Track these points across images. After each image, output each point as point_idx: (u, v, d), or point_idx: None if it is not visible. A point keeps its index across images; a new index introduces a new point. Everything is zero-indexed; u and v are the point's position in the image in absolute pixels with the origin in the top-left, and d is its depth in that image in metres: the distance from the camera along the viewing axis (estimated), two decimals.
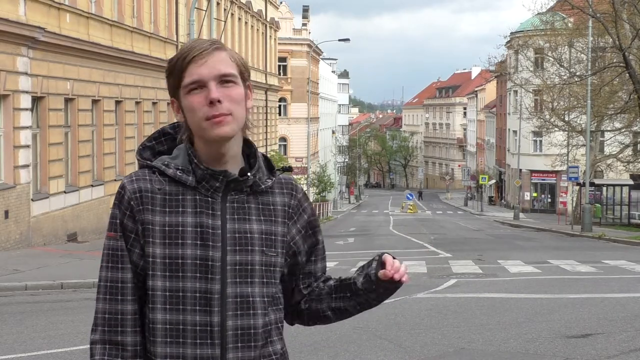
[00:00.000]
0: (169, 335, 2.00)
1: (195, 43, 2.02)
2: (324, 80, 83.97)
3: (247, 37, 45.98)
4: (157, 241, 2.01)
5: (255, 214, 2.06)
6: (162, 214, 2.02)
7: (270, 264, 2.05)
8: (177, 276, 1.99)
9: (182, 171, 2.04)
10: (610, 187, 42.41)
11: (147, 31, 27.15)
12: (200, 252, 1.99)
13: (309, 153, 55.44)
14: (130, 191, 2.04)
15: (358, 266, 2.24)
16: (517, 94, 57.77)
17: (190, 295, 1.98)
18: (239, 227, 2.03)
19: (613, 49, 32.58)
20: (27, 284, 13.14)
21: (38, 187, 19.55)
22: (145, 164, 2.08)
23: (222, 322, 1.99)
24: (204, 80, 1.98)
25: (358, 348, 8.07)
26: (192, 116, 2.01)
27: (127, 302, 2.04)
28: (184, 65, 2.00)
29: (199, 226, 2.01)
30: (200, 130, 2.01)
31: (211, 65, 1.99)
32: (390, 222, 46.71)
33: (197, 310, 1.98)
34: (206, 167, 2.02)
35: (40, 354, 7.79)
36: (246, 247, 2.02)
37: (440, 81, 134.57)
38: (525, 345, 8.15)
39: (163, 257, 2.00)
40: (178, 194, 2.03)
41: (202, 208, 2.02)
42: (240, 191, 2.05)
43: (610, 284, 13.82)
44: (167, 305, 1.99)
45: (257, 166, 2.08)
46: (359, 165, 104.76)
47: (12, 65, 17.64)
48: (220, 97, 1.97)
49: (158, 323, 2.01)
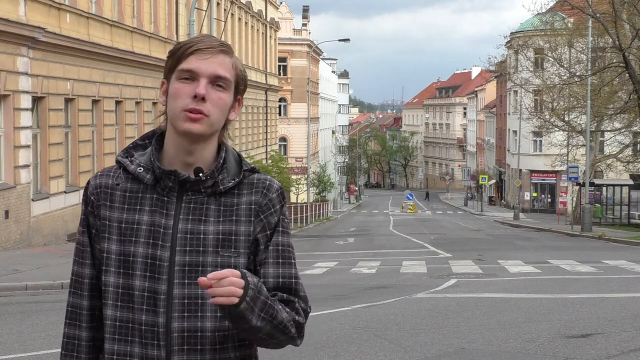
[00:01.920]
0: (117, 332, 1.99)
1: (207, 38, 2.01)
2: (324, 80, 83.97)
3: (247, 37, 45.98)
4: (113, 237, 2.01)
5: (214, 215, 2.00)
6: (120, 211, 2.01)
7: (227, 265, 1.96)
8: (127, 274, 1.98)
9: (143, 169, 2.02)
10: (610, 187, 42.40)
11: (147, 31, 27.15)
12: (150, 251, 1.98)
13: (309, 153, 55.44)
14: (92, 186, 2.06)
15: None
16: (517, 94, 57.76)
17: (139, 294, 1.97)
18: (191, 228, 1.98)
19: (613, 49, 32.57)
20: (27, 284, 13.14)
21: (38, 187, 19.56)
22: (117, 159, 2.07)
23: (167, 323, 1.96)
24: (198, 74, 1.96)
25: (358, 348, 8.07)
26: (173, 102, 1.98)
27: (84, 297, 2.07)
28: (187, 52, 1.99)
29: (152, 225, 1.99)
30: (174, 119, 1.98)
31: (211, 63, 1.97)
32: (390, 222, 46.71)
33: (144, 310, 1.97)
34: (159, 166, 2.00)
35: (41, 353, 7.79)
36: (197, 247, 1.97)
37: (440, 81, 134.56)
38: (525, 345, 8.15)
39: (117, 254, 2.00)
40: (138, 191, 2.02)
41: (157, 207, 2.00)
42: (198, 192, 2.01)
43: (610, 284, 13.83)
44: (119, 303, 1.99)
45: (216, 167, 2.02)
46: (359, 165, 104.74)
47: (12, 65, 17.64)
48: (205, 95, 1.95)
49: (108, 319, 2.01)
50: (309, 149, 55.02)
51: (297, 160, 61.02)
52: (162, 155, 2.04)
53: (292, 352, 7.55)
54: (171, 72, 2.02)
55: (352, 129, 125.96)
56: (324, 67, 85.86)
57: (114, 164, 2.09)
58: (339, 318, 9.94)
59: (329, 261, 20.11)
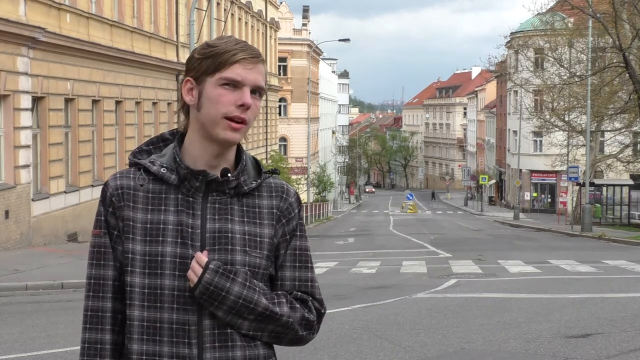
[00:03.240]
0: (145, 332, 1.99)
1: (246, 46, 2.02)
2: (324, 80, 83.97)
3: (247, 38, 45.97)
4: (137, 238, 2.00)
5: (238, 215, 2.04)
6: (144, 212, 2.02)
7: (254, 265, 2.02)
8: (155, 273, 1.98)
9: (166, 169, 2.03)
10: (610, 187, 42.41)
11: (147, 31, 27.15)
12: (180, 250, 1.98)
13: (309, 153, 55.44)
14: (113, 188, 2.06)
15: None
16: (517, 94, 57.78)
17: (168, 292, 1.98)
18: (219, 227, 2.01)
19: (613, 49, 32.57)
20: (28, 284, 13.15)
21: (38, 187, 19.56)
22: (133, 161, 2.08)
23: (199, 321, 1.97)
24: (244, 84, 1.99)
25: (358, 348, 8.07)
26: (213, 107, 1.99)
27: (107, 300, 2.05)
28: (231, 60, 1.99)
29: (179, 224, 2.00)
30: (211, 124, 1.99)
31: (255, 73, 2.00)
32: (390, 222, 46.72)
33: (174, 309, 1.97)
34: (186, 166, 2.01)
35: (41, 353, 7.79)
36: (226, 246, 2.00)
37: (441, 81, 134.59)
38: (525, 345, 8.15)
39: (143, 254, 1.99)
40: (161, 192, 2.03)
41: (182, 207, 2.01)
42: (222, 192, 2.04)
43: (610, 284, 13.83)
44: (145, 303, 1.99)
45: (241, 168, 2.06)
46: (359, 165, 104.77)
47: (12, 65, 17.64)
48: (251, 104, 2.00)
49: (135, 320, 2.00)
50: (309, 149, 55.02)
51: (297, 160, 61.02)
52: (183, 156, 2.05)
53: (292, 352, 7.56)
54: (208, 74, 2.01)
55: (352, 129, 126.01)
56: (324, 67, 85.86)
57: (130, 167, 2.09)
58: (339, 318, 9.94)
59: (329, 261, 20.11)
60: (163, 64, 28.50)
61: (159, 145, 2.13)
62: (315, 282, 2.14)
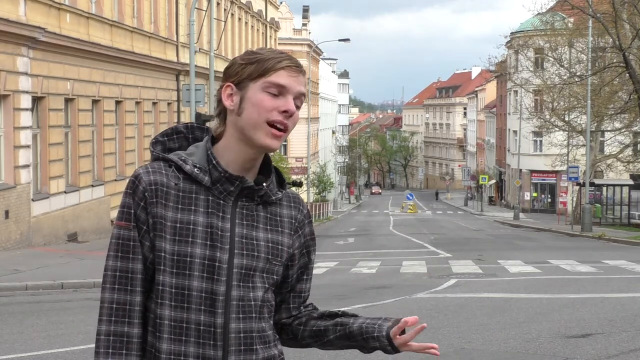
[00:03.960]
0: (174, 332, 1.99)
1: (290, 56, 2.06)
2: (324, 80, 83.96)
3: (247, 37, 45.98)
4: (167, 237, 2.00)
5: (262, 223, 2.07)
6: (174, 210, 2.01)
7: (272, 272, 2.07)
8: (184, 274, 1.99)
9: (199, 169, 2.03)
10: (610, 187, 42.40)
11: (147, 31, 27.15)
12: (209, 252, 1.99)
13: (309, 153, 55.42)
14: (146, 182, 2.01)
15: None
16: (517, 94, 57.77)
17: (196, 294, 1.98)
18: (247, 233, 2.03)
19: (613, 49, 32.57)
20: (27, 284, 13.14)
21: (38, 187, 19.56)
22: (161, 156, 2.06)
23: (225, 324, 1.99)
24: (288, 91, 2.01)
25: None
26: (255, 112, 2.00)
27: (136, 293, 2.02)
28: (277, 66, 2.00)
29: (209, 227, 2.00)
30: (252, 129, 2.00)
31: (298, 83, 2.03)
32: (390, 222, 46.72)
33: (201, 310, 1.98)
34: (224, 170, 2.02)
35: (41, 353, 7.79)
36: (252, 252, 2.03)
37: (441, 81, 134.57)
38: (525, 345, 8.15)
39: (172, 254, 1.99)
40: (192, 192, 2.02)
41: (213, 209, 2.02)
42: (251, 199, 2.06)
43: (610, 284, 13.83)
44: (174, 302, 1.99)
45: (271, 178, 2.11)
46: (359, 165, 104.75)
47: (12, 65, 17.64)
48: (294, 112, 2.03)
49: (165, 319, 2.00)
50: (309, 149, 55.00)
51: (297, 160, 61.01)
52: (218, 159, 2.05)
53: (292, 351, 7.55)
54: (251, 80, 2.01)
55: (352, 129, 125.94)
56: (324, 67, 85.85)
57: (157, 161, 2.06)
58: None
59: (329, 261, 20.11)
60: (163, 64, 28.50)
61: (173, 137, 2.12)
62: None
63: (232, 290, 2.00)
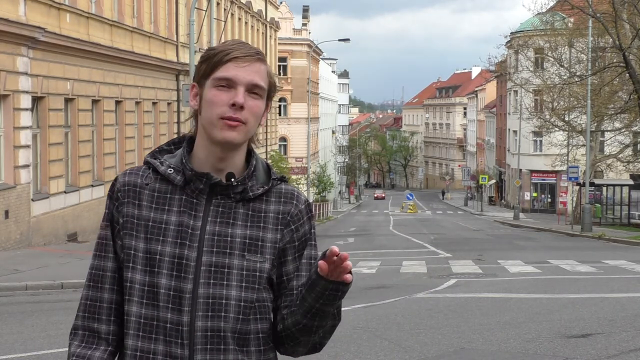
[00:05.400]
0: (142, 329, 2.01)
1: (242, 46, 2.02)
2: (324, 80, 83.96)
3: (247, 37, 45.97)
4: (140, 235, 2.03)
5: (242, 219, 2.04)
6: (148, 209, 2.04)
7: (253, 269, 2.02)
8: (153, 272, 2.00)
9: (173, 170, 2.05)
10: (610, 187, 42.39)
11: (147, 31, 27.15)
12: (178, 250, 2.00)
13: (309, 153, 55.42)
14: (121, 183, 2.08)
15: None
16: (517, 94, 57.78)
17: (164, 292, 1.99)
18: (219, 230, 2.01)
19: (613, 49, 32.57)
20: (27, 284, 13.15)
21: (38, 187, 19.56)
22: (145, 160, 2.10)
23: (191, 322, 1.98)
24: (236, 82, 1.98)
25: (358, 348, 8.07)
26: (209, 110, 2.00)
27: (105, 291, 2.08)
28: (225, 59, 1.99)
29: (180, 225, 2.01)
30: (210, 126, 2.00)
31: (249, 72, 1.99)
32: (390, 222, 46.73)
33: (169, 308, 1.98)
34: (191, 168, 2.03)
35: (41, 353, 7.79)
36: (224, 249, 2.00)
37: (441, 81, 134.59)
38: (525, 345, 8.15)
39: (144, 252, 2.02)
40: (167, 192, 2.05)
41: (185, 208, 2.03)
42: (227, 196, 2.04)
43: (610, 284, 13.83)
44: (144, 300, 2.01)
45: (247, 174, 2.06)
46: (359, 165, 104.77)
47: (12, 65, 17.64)
48: (244, 104, 1.98)
49: (133, 316, 2.02)
50: (309, 149, 55.00)
51: (297, 160, 61.02)
52: (192, 159, 2.07)
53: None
54: (205, 77, 2.02)
55: (352, 129, 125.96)
56: (324, 67, 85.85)
57: (142, 165, 2.12)
58: None
59: None
60: (163, 64, 28.50)
61: (180, 145, 2.13)
62: None
63: (199, 288, 1.99)
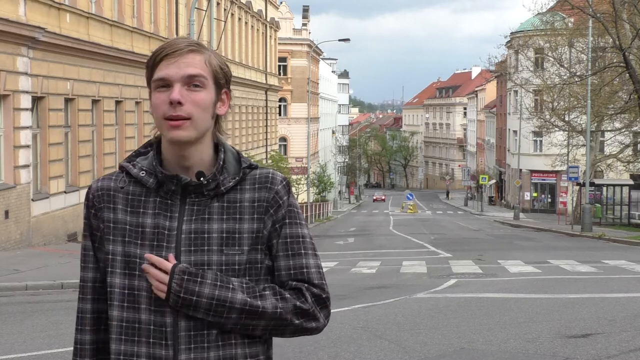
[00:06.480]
0: (124, 332, 2.01)
1: (174, 41, 2.00)
2: (324, 80, 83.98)
3: (247, 37, 45.97)
4: (118, 239, 2.02)
5: (217, 213, 2.01)
6: (124, 213, 2.03)
7: (232, 263, 1.99)
8: (133, 275, 2.00)
9: (145, 172, 2.04)
10: (610, 187, 42.40)
11: (147, 31, 27.15)
12: (155, 252, 1.99)
13: (309, 153, 55.42)
14: (94, 189, 2.08)
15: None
16: (517, 94, 57.78)
17: (146, 294, 1.98)
18: (195, 228, 2.00)
19: (613, 49, 32.59)
20: (27, 284, 13.15)
21: (38, 187, 19.56)
22: (120, 165, 2.10)
23: (174, 323, 1.97)
24: (170, 80, 1.96)
25: (358, 348, 8.07)
26: (154, 113, 2.00)
27: (87, 301, 2.10)
28: (157, 61, 1.98)
29: (156, 227, 2.00)
30: (160, 129, 2.00)
31: (180, 65, 1.96)
32: (390, 222, 46.73)
33: (151, 310, 1.98)
34: (161, 170, 2.02)
35: (41, 353, 7.79)
36: (202, 247, 1.99)
37: (441, 81, 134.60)
38: (525, 345, 8.15)
39: (122, 255, 2.01)
40: (141, 194, 2.04)
41: (160, 210, 2.02)
42: (201, 194, 2.01)
43: (610, 284, 13.83)
44: (125, 303, 2.01)
45: (217, 169, 2.02)
46: (359, 165, 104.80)
47: (12, 65, 17.64)
48: (181, 99, 1.95)
49: (114, 320, 2.02)
50: (309, 149, 55.00)
51: (297, 160, 61.02)
52: (162, 160, 2.06)
53: (292, 351, 7.55)
54: (149, 83, 2.03)
55: (352, 129, 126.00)
56: (324, 67, 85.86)
57: (116, 170, 2.12)
58: (339, 318, 9.93)
59: (329, 261, 20.10)
60: None
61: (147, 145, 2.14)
62: (312, 267, 2.06)
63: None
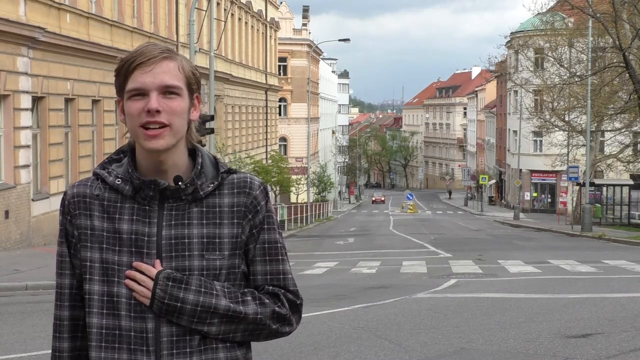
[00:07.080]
0: (104, 340, 1.99)
1: (146, 49, 1.97)
2: (324, 80, 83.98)
3: (247, 37, 45.97)
4: (95, 246, 2.00)
5: (197, 218, 2.00)
6: (100, 220, 2.01)
7: (213, 268, 1.99)
8: (112, 282, 1.98)
9: (121, 180, 2.02)
10: (610, 187, 42.40)
11: (147, 31, 27.16)
12: (135, 259, 1.97)
13: (309, 153, 55.42)
14: (70, 196, 2.05)
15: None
16: (517, 94, 57.78)
17: (126, 301, 1.97)
18: (175, 234, 1.98)
19: (613, 49, 32.59)
20: (27, 284, 13.15)
21: (38, 187, 19.56)
22: (93, 171, 2.07)
23: (156, 328, 1.96)
24: (146, 89, 1.94)
25: (358, 348, 8.07)
26: (130, 122, 1.97)
27: (64, 308, 2.09)
28: (130, 69, 1.95)
29: (134, 233, 1.98)
30: (135, 137, 1.98)
31: (156, 74, 1.94)
32: (390, 222, 46.73)
33: (131, 317, 1.96)
34: (138, 176, 1.99)
35: (41, 353, 7.79)
36: (183, 252, 1.98)
37: (441, 81, 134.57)
38: (525, 345, 8.15)
39: (100, 262, 2.00)
40: (117, 201, 2.01)
41: (138, 216, 1.99)
42: (179, 199, 2.00)
43: (610, 284, 13.83)
44: (104, 310, 1.99)
45: (195, 173, 2.01)
46: (359, 165, 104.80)
47: (12, 65, 17.65)
48: (159, 107, 1.94)
49: (94, 327, 2.00)
50: (309, 149, 55.00)
51: (297, 160, 61.02)
52: (137, 166, 2.04)
53: (292, 351, 7.55)
54: (121, 91, 1.99)
55: (352, 129, 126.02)
56: (324, 67, 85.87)
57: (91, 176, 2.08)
58: (339, 318, 9.94)
59: (329, 261, 20.11)
60: None
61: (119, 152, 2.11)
62: (289, 274, 2.08)
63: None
